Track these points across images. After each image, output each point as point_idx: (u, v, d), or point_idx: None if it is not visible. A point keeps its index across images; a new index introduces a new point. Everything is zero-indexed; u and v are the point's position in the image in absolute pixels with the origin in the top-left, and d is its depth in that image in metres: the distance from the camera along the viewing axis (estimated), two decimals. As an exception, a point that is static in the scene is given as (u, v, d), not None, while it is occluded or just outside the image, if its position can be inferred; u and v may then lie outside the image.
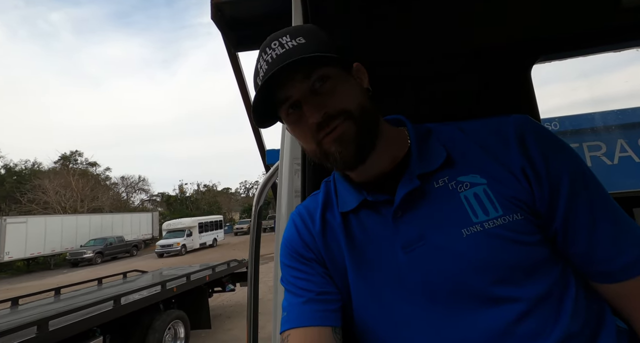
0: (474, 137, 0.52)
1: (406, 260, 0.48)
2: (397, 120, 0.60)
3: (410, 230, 0.49)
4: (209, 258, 14.30)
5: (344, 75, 0.51)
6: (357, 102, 0.49)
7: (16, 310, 4.10)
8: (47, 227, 18.17)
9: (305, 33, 0.49)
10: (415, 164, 0.51)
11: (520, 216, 0.45)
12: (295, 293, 0.52)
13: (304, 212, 0.59)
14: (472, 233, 0.45)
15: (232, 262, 6.05)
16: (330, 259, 0.54)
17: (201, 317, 4.87)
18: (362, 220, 0.53)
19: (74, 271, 15.65)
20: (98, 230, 20.67)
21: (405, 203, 0.49)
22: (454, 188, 0.49)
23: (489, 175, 0.48)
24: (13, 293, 5.30)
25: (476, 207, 0.47)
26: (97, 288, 5.09)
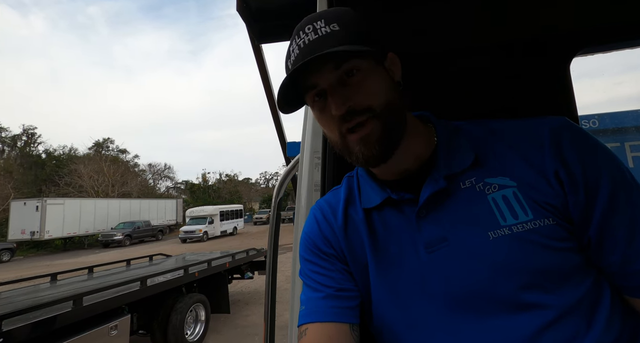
0: (505, 137, 0.50)
1: (429, 260, 0.47)
2: (424, 116, 0.58)
3: (433, 231, 0.48)
4: (229, 245, 14.76)
5: (375, 68, 0.48)
6: (383, 99, 0.47)
7: (55, 284, 4.45)
8: (81, 209, 19.42)
9: (340, 19, 0.47)
10: (442, 163, 0.50)
11: (552, 221, 0.43)
12: (314, 288, 0.52)
13: (325, 206, 0.59)
14: (500, 236, 0.44)
15: (251, 251, 6.21)
16: (352, 255, 0.53)
17: (221, 302, 5.06)
18: (385, 218, 0.53)
19: (105, 251, 16.68)
20: (127, 214, 21.85)
21: (430, 203, 0.48)
22: (481, 189, 0.47)
23: (519, 178, 0.46)
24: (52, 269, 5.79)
25: (504, 209, 0.45)
26: (125, 269, 5.40)
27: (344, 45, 0.44)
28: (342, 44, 0.44)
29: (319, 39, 0.45)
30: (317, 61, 0.44)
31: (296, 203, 0.89)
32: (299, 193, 0.89)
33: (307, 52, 0.45)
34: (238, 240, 18.35)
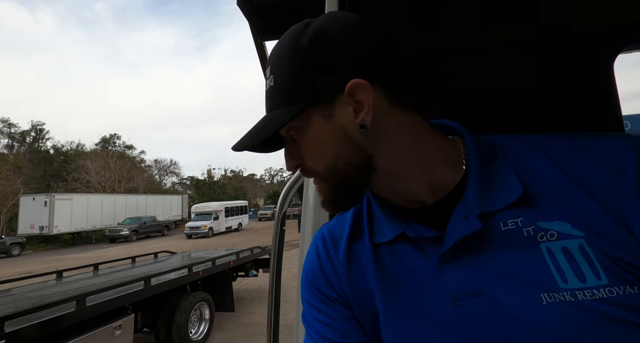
0: (565, 165, 0.37)
1: (456, 315, 0.37)
2: (450, 128, 0.45)
3: (461, 280, 0.37)
4: (234, 241, 14.85)
5: (315, 122, 0.39)
6: (325, 162, 0.40)
7: (60, 282, 4.48)
8: (89, 205, 19.69)
9: (278, 67, 0.40)
10: (473, 197, 0.38)
11: (638, 290, 0.32)
12: (315, 340, 0.45)
13: (327, 236, 0.49)
14: (557, 302, 0.33)
15: (256, 249, 6.19)
16: (357, 300, 0.45)
17: (225, 300, 5.06)
18: (397, 256, 0.42)
19: (112, 247, 16.91)
20: (133, 209, 22.08)
21: (460, 246, 0.38)
22: (531, 235, 0.35)
23: (589, 227, 0.34)
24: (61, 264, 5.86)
25: (565, 267, 0.34)
26: (130, 266, 5.42)
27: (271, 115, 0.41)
28: (275, 106, 0.40)
29: (266, 95, 0.42)
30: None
31: (302, 218, 0.81)
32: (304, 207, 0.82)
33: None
34: (243, 236, 18.45)
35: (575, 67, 0.73)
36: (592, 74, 0.73)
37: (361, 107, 0.38)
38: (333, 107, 0.39)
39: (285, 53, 0.39)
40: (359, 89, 0.37)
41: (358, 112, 0.38)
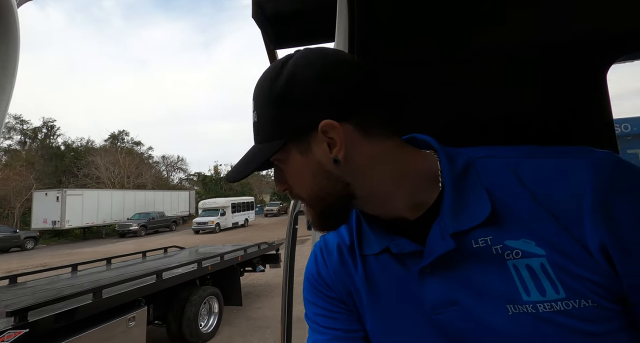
0: (532, 186, 0.39)
1: (435, 323, 0.42)
2: (424, 142, 0.47)
3: (439, 290, 0.41)
4: (241, 237, 15.02)
5: (294, 156, 0.43)
6: (309, 190, 0.44)
7: (75, 275, 4.64)
8: (99, 200, 20.07)
9: (259, 104, 0.44)
10: (448, 217, 0.40)
11: (592, 302, 0.35)
12: (319, 331, 0.49)
13: (324, 246, 0.54)
14: (521, 313, 0.36)
15: (263, 245, 6.29)
16: (350, 300, 0.49)
17: (233, 295, 5.17)
18: (384, 267, 0.47)
19: (122, 241, 17.25)
20: (142, 205, 22.45)
21: (437, 262, 0.41)
22: (499, 253, 0.38)
23: (550, 245, 0.37)
24: (73, 258, 6.04)
25: (529, 282, 0.37)
26: (141, 261, 5.57)
27: (256, 149, 0.45)
28: (259, 140, 0.45)
29: (253, 127, 0.46)
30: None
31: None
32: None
33: None
34: (249, 231, 18.64)
35: (569, 74, 0.76)
36: (585, 82, 0.75)
37: (334, 143, 0.40)
38: (309, 142, 0.41)
39: (264, 95, 0.43)
40: (329, 128, 0.40)
41: (332, 148, 0.41)
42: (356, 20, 0.73)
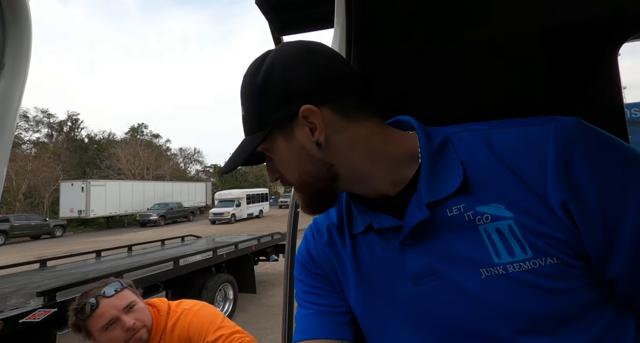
0: (502, 153, 0.41)
1: (417, 294, 0.43)
2: (405, 123, 0.50)
3: (420, 262, 0.43)
4: (255, 228, 15.33)
5: (279, 143, 0.45)
6: (296, 175, 0.46)
7: (100, 260, 4.90)
8: (121, 191, 20.89)
9: (244, 99, 0.47)
10: (424, 188, 0.43)
11: (557, 260, 0.37)
12: (305, 306, 0.52)
13: (314, 228, 0.57)
14: (493, 275, 0.38)
15: (276, 235, 6.41)
16: (335, 278, 0.52)
17: (247, 282, 5.33)
18: (370, 244, 0.49)
19: (142, 230, 17.95)
20: (161, 196, 23.20)
21: (415, 232, 0.43)
22: (471, 219, 0.41)
23: (518, 207, 0.39)
24: (98, 245, 6.44)
25: (499, 245, 0.39)
26: (160, 248, 5.80)
27: (245, 140, 0.47)
28: (248, 132, 0.47)
29: (242, 121, 0.49)
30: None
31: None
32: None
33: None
34: (264, 222, 18.97)
35: (577, 56, 0.73)
36: (594, 64, 0.72)
37: (315, 127, 0.43)
38: (292, 129, 0.44)
39: (247, 90, 0.46)
40: (309, 114, 0.42)
41: (313, 132, 0.43)
42: (353, 6, 0.73)
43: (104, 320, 1.03)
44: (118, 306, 1.06)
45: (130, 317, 1.06)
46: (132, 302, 1.10)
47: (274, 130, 0.45)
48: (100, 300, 1.06)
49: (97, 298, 1.06)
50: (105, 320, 1.03)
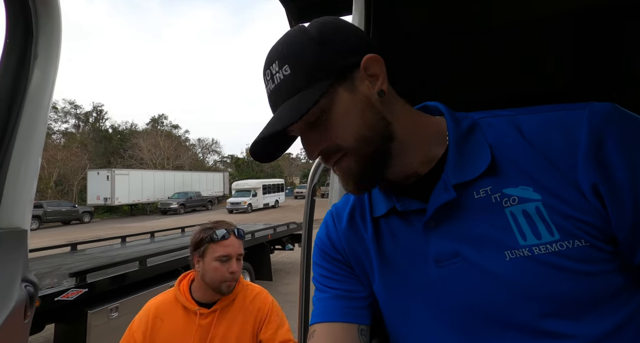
0: (532, 137, 0.41)
1: (439, 276, 0.43)
2: (434, 108, 0.50)
3: (443, 244, 0.43)
4: (271, 217, 15.59)
5: (341, 96, 0.42)
6: (354, 133, 0.42)
7: (125, 245, 5.15)
8: (143, 179, 21.71)
9: (291, 56, 0.41)
10: (451, 170, 0.43)
11: (585, 242, 0.36)
12: (322, 290, 0.52)
13: (334, 211, 0.57)
14: (518, 257, 0.38)
15: (292, 224, 6.50)
16: (357, 263, 0.52)
17: (264, 270, 5.47)
18: (392, 227, 0.49)
19: (164, 218, 18.66)
20: (180, 185, 23.93)
21: (439, 214, 0.43)
22: (497, 201, 0.41)
23: (546, 190, 0.38)
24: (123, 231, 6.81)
25: (525, 227, 0.39)
26: (180, 235, 6.03)
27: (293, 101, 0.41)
28: (292, 93, 0.41)
29: (275, 91, 0.43)
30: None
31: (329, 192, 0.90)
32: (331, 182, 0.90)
33: (271, 105, 0.45)
34: (280, 212, 19.27)
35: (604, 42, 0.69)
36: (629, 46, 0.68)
37: (375, 79, 0.43)
38: (354, 81, 0.43)
39: (296, 43, 0.42)
40: (372, 63, 0.43)
41: (374, 83, 0.43)
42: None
43: (224, 252, 1.13)
44: (238, 249, 1.16)
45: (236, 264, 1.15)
46: (242, 255, 1.19)
47: (334, 82, 0.41)
48: (231, 235, 1.16)
49: (230, 232, 1.16)
50: (224, 252, 1.12)
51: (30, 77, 0.62)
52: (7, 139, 0.62)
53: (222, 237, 1.14)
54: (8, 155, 0.61)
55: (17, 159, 0.63)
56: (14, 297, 0.54)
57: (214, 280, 1.12)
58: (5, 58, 0.61)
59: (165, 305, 1.14)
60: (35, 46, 0.62)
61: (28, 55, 0.62)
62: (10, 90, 0.61)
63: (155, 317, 1.11)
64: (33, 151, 0.65)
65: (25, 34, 0.62)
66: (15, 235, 0.61)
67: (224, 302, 1.17)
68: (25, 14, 0.60)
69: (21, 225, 0.63)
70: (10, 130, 0.62)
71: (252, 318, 1.19)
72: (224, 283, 1.12)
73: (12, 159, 0.62)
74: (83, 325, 2.78)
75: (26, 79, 0.62)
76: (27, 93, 0.63)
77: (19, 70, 0.62)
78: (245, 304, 1.20)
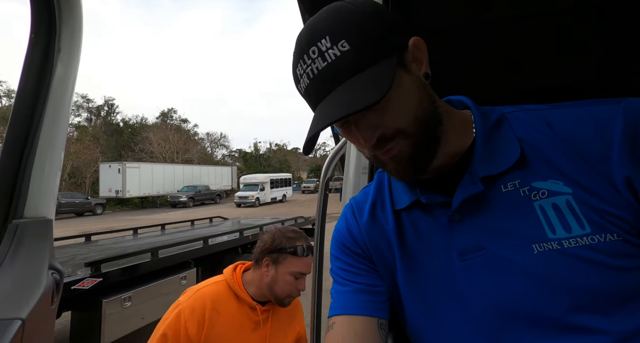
0: (562, 131, 0.41)
1: (463, 269, 0.42)
2: (460, 102, 0.49)
3: (467, 237, 0.42)
4: (279, 211, 15.70)
5: (401, 76, 0.39)
6: (413, 115, 0.40)
7: (136, 237, 5.26)
8: (153, 173, 22.03)
9: (347, 31, 0.37)
10: (478, 163, 0.42)
11: (617, 237, 0.36)
12: (342, 283, 0.52)
13: (354, 206, 0.56)
14: (546, 250, 0.37)
15: (299, 219, 6.55)
16: (379, 257, 0.51)
17: (271, 263, 5.53)
18: (414, 220, 0.48)
19: (173, 211, 18.97)
20: (189, 178, 24.21)
21: (464, 207, 0.43)
22: (526, 195, 0.40)
23: (577, 184, 0.38)
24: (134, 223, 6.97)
25: (554, 220, 0.38)
26: (190, 228, 6.13)
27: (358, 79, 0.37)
28: (355, 71, 0.38)
29: (328, 69, 0.38)
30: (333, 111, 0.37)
31: (343, 186, 0.90)
32: (346, 175, 0.90)
33: (317, 87, 0.40)
34: (287, 207, 19.37)
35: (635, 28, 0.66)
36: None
37: (420, 62, 0.42)
38: (405, 62, 0.41)
39: (352, 17, 0.38)
40: (418, 45, 0.42)
41: (419, 66, 0.42)
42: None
43: (302, 269, 1.07)
44: (309, 268, 1.10)
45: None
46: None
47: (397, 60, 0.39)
48: (309, 253, 1.10)
49: (310, 249, 1.10)
50: (302, 270, 1.07)
51: (54, 71, 0.64)
52: (32, 133, 0.64)
53: (304, 254, 1.09)
54: (34, 149, 0.63)
55: (42, 152, 0.64)
56: (42, 283, 0.56)
57: (282, 292, 1.07)
58: (31, 52, 0.62)
59: (221, 297, 1.07)
60: (59, 40, 0.64)
61: (52, 49, 0.63)
62: (35, 85, 0.63)
63: (213, 309, 1.03)
64: (57, 144, 0.67)
65: (49, 28, 0.63)
66: (42, 224, 0.63)
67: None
68: (49, 8, 0.62)
69: (47, 214, 0.65)
70: (36, 125, 0.64)
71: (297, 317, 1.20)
72: (288, 297, 1.08)
73: (37, 152, 0.64)
74: (98, 313, 2.87)
75: (50, 73, 0.64)
76: (51, 87, 0.64)
77: (43, 65, 0.63)
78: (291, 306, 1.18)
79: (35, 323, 0.51)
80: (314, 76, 0.39)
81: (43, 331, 0.56)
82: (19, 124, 0.63)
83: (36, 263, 0.58)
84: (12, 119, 0.63)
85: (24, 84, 0.63)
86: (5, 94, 26.15)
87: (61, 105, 0.67)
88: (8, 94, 25.75)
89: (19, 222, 0.60)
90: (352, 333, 0.46)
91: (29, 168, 0.62)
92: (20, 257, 0.56)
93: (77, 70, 0.70)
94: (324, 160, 1.17)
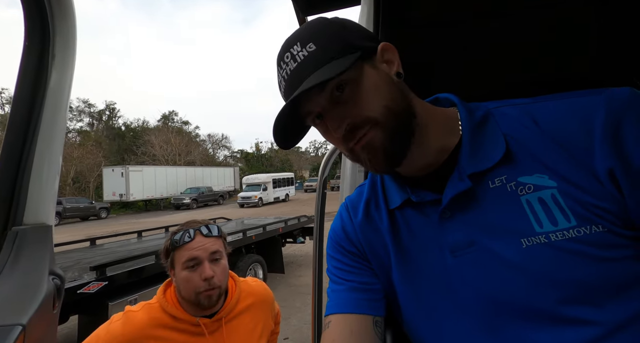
0: (546, 125, 0.41)
1: (455, 265, 0.43)
2: (446, 100, 0.51)
3: (458, 234, 0.43)
4: (282, 211, 15.75)
5: (366, 72, 0.42)
6: (382, 105, 0.42)
7: (141, 240, 5.30)
8: (156, 175, 22.16)
9: (314, 36, 0.42)
10: (465, 160, 0.43)
11: (602, 228, 0.36)
12: (337, 282, 0.52)
13: (349, 205, 0.57)
14: (534, 244, 0.38)
15: (302, 218, 6.55)
16: (374, 255, 0.52)
17: (276, 263, 5.56)
18: (407, 219, 0.49)
19: (177, 213, 19.08)
20: (192, 180, 24.34)
21: (454, 204, 0.43)
22: (513, 190, 0.41)
23: (561, 177, 0.39)
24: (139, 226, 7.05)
25: (541, 214, 0.39)
26: (194, 230, 6.15)
27: (322, 69, 0.40)
28: (321, 64, 0.41)
29: (298, 67, 0.42)
30: (297, 100, 0.41)
31: (340, 184, 0.90)
32: (343, 174, 0.90)
33: (291, 84, 0.43)
34: (290, 206, 19.42)
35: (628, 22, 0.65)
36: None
37: (391, 64, 0.45)
38: (374, 62, 0.44)
39: (319, 26, 0.43)
40: (388, 49, 0.45)
41: (391, 67, 0.45)
42: None
43: (189, 255, 0.91)
44: (210, 248, 0.93)
45: (211, 268, 0.92)
46: (219, 254, 0.96)
47: (360, 57, 0.42)
48: (196, 235, 0.94)
49: (195, 231, 0.94)
50: (190, 256, 0.91)
51: (49, 77, 0.64)
52: (29, 139, 0.64)
53: (184, 240, 0.92)
54: (31, 155, 0.64)
55: (39, 158, 0.65)
56: (43, 289, 0.56)
57: (189, 293, 0.91)
58: (26, 59, 0.62)
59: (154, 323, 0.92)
60: (53, 47, 0.64)
61: (46, 56, 0.64)
62: (31, 92, 0.63)
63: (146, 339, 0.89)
64: (54, 150, 0.67)
65: (43, 34, 0.63)
66: (41, 230, 0.63)
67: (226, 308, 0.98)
68: (41, 15, 0.62)
69: (46, 221, 0.65)
70: (32, 131, 0.64)
71: (262, 314, 1.08)
72: (199, 294, 0.90)
73: (35, 158, 0.64)
74: (105, 316, 2.89)
75: (45, 79, 0.64)
76: (46, 93, 0.65)
77: (38, 71, 0.64)
78: (255, 303, 1.06)
79: (36, 328, 0.52)
80: (287, 77, 0.43)
81: (45, 336, 0.56)
82: (16, 131, 0.63)
83: (36, 270, 0.58)
84: (9, 125, 0.63)
85: (19, 90, 0.63)
86: (7, 102, 26.35)
87: (57, 111, 0.68)
88: (10, 101, 25.93)
89: (18, 229, 0.60)
90: (347, 332, 0.47)
91: (27, 174, 0.63)
92: (20, 264, 0.56)
93: (73, 76, 0.70)
94: (324, 159, 1.18)
